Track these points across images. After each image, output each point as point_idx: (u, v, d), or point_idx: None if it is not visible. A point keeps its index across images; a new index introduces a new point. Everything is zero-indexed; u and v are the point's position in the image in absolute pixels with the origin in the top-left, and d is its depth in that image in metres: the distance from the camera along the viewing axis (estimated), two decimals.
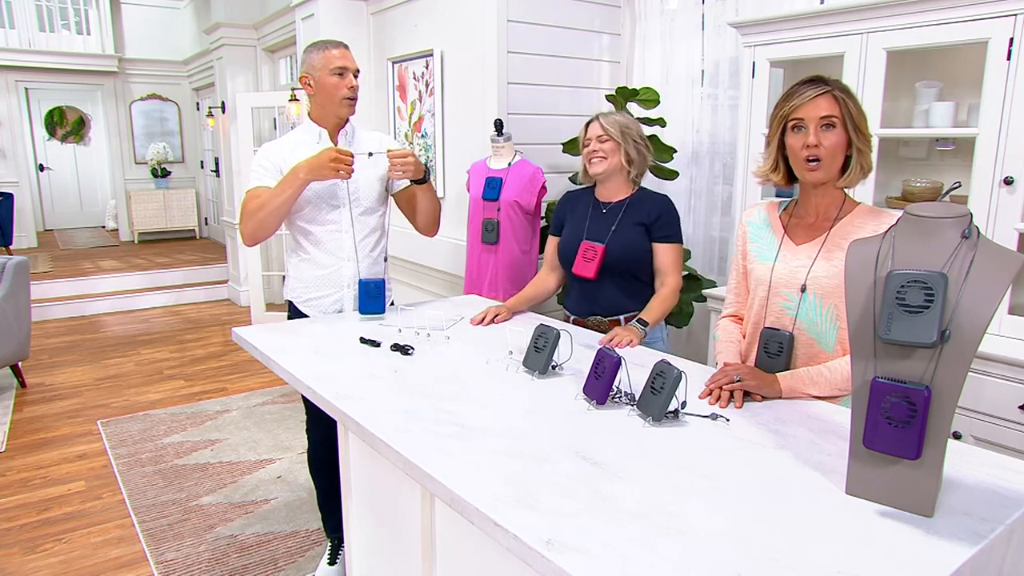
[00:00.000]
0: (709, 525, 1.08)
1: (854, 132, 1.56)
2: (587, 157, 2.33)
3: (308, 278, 2.42)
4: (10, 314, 4.32)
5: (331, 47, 2.29)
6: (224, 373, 4.96)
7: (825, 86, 1.56)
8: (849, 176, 1.59)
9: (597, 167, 2.31)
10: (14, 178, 9.25)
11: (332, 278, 2.41)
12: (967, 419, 2.16)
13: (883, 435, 1.13)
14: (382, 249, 2.52)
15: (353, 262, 2.41)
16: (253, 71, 6.82)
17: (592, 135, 2.32)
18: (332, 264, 2.40)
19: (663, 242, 2.31)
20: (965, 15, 2.16)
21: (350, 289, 2.43)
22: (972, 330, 1.08)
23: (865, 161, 1.58)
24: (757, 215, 1.80)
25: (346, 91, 2.30)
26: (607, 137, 2.29)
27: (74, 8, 9.50)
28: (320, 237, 2.38)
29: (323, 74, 2.28)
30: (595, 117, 2.35)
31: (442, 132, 3.91)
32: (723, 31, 3.29)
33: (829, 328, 1.62)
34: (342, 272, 2.41)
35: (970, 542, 1.03)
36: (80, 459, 3.58)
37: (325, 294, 2.42)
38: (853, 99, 1.57)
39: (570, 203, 2.49)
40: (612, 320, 2.33)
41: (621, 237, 2.30)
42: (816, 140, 1.55)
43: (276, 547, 2.77)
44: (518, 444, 1.37)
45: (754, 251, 1.77)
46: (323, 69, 2.27)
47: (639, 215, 2.31)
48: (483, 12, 3.46)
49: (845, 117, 1.55)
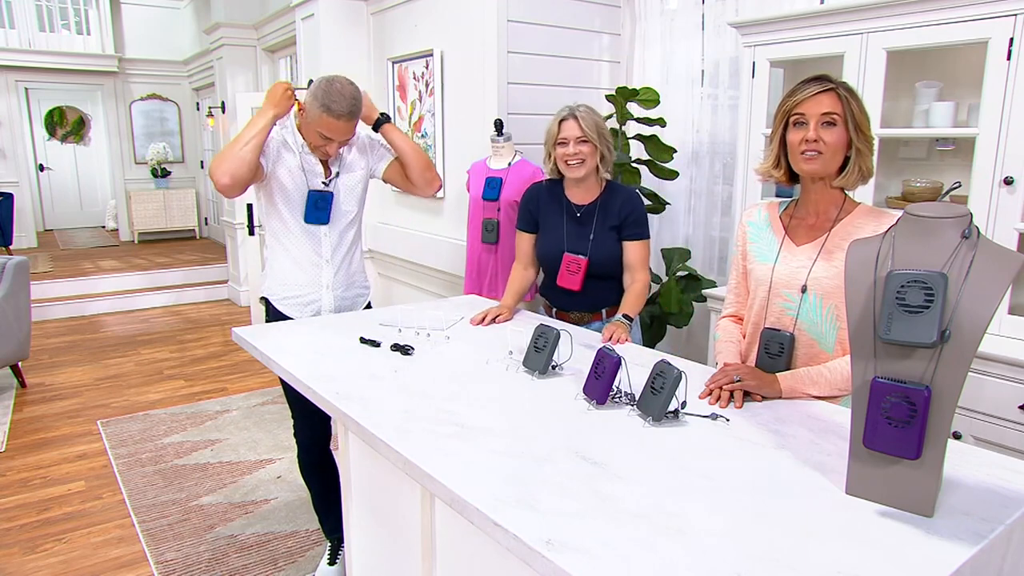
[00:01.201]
0: (709, 525, 1.08)
1: (855, 132, 1.55)
2: (563, 159, 2.29)
3: (286, 278, 2.41)
4: (10, 314, 4.32)
5: (334, 116, 2.16)
6: (224, 373, 4.96)
7: (829, 84, 1.56)
8: (847, 176, 1.59)
9: (577, 171, 2.29)
10: (14, 178, 9.25)
11: (310, 280, 2.41)
12: (967, 419, 2.16)
13: (883, 435, 1.13)
14: (359, 247, 2.53)
15: (332, 265, 2.42)
16: (253, 71, 6.82)
17: (569, 135, 2.26)
18: (311, 266, 2.40)
19: (632, 240, 2.34)
20: (965, 15, 2.16)
21: (329, 290, 2.43)
22: (972, 330, 1.08)
23: (864, 163, 1.57)
24: (757, 215, 1.80)
25: (320, 152, 2.29)
26: (586, 139, 2.25)
27: (74, 8, 9.49)
28: (299, 239, 2.38)
29: (313, 124, 2.21)
30: (569, 114, 2.27)
31: (442, 132, 3.91)
32: (723, 31, 3.29)
33: (829, 328, 1.62)
34: (321, 273, 2.41)
35: (970, 542, 1.03)
36: (80, 459, 3.58)
37: (303, 294, 2.42)
38: (857, 99, 1.57)
39: (540, 200, 2.46)
40: (595, 314, 2.42)
41: (600, 246, 2.35)
42: (815, 135, 1.55)
43: (276, 547, 2.77)
44: (518, 444, 1.37)
45: (754, 251, 1.76)
46: (315, 122, 2.20)
47: (611, 218, 2.34)
48: (483, 12, 3.46)
49: (847, 115, 1.55)
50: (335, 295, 2.44)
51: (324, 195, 2.33)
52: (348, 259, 2.46)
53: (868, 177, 1.60)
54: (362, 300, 2.55)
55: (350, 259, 2.47)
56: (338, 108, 2.15)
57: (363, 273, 2.57)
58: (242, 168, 2.14)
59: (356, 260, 2.52)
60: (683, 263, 3.27)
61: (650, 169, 3.35)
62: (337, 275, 2.43)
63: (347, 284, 2.47)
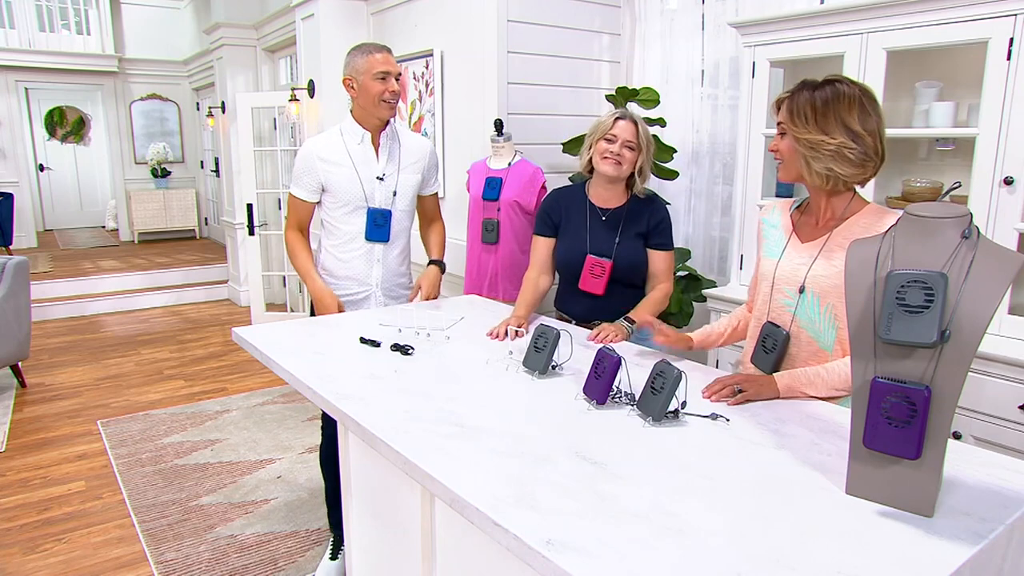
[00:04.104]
0: (709, 525, 1.08)
1: (793, 139, 1.59)
2: (603, 153, 2.22)
3: (336, 272, 2.54)
4: (10, 314, 4.32)
5: (375, 51, 2.36)
6: (224, 373, 4.96)
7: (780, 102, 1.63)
8: (811, 177, 1.59)
9: (612, 170, 2.22)
10: (14, 178, 9.25)
11: (359, 277, 2.54)
12: (967, 419, 2.16)
13: (883, 435, 1.13)
14: (407, 250, 2.64)
15: (381, 264, 2.53)
16: (253, 71, 6.82)
17: (621, 135, 2.20)
18: (361, 266, 2.52)
19: (659, 249, 2.32)
20: (965, 15, 2.16)
21: (378, 288, 2.55)
22: (972, 330, 1.08)
23: (819, 165, 1.56)
24: (772, 212, 1.83)
25: (388, 95, 2.37)
26: (636, 145, 2.22)
27: (74, 8, 9.50)
28: (352, 237, 2.49)
29: (366, 78, 2.34)
30: (629, 116, 2.23)
31: (442, 132, 3.91)
32: (723, 31, 3.29)
33: (827, 327, 1.63)
34: (371, 273, 2.53)
35: (970, 542, 1.03)
36: (80, 459, 3.58)
37: (353, 290, 2.55)
38: (796, 109, 1.58)
39: (562, 204, 2.39)
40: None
41: (625, 250, 2.29)
42: (775, 145, 1.67)
43: (276, 547, 2.77)
44: (518, 444, 1.37)
45: (764, 247, 1.80)
46: (366, 73, 2.34)
47: (638, 225, 2.30)
48: (483, 12, 3.46)
49: (788, 124, 1.60)
50: (382, 293, 2.58)
51: (383, 212, 2.47)
52: (395, 260, 2.58)
53: (838, 176, 1.56)
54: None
55: (397, 261, 2.59)
56: (375, 45, 2.41)
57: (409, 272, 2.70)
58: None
59: (404, 260, 2.64)
60: (683, 263, 3.27)
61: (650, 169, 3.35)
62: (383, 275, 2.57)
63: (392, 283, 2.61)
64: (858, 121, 1.53)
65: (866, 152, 1.54)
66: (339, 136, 2.47)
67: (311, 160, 2.43)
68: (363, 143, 2.45)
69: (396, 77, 2.39)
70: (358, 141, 2.44)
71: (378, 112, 2.39)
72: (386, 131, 2.47)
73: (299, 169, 2.45)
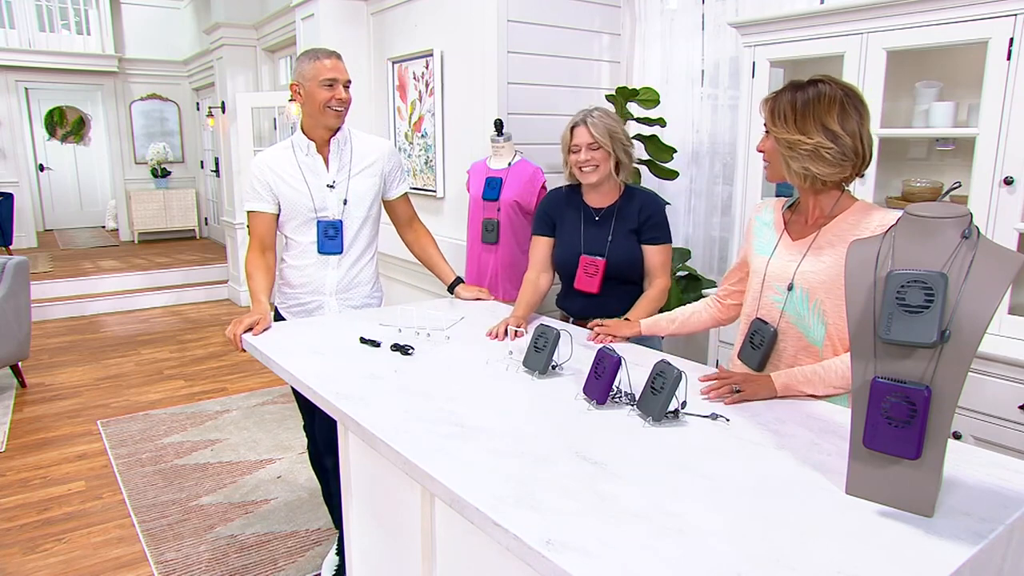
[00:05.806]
0: (709, 525, 1.08)
1: (774, 139, 1.63)
2: (576, 166, 2.28)
3: (292, 281, 2.47)
4: (10, 314, 4.32)
5: (322, 57, 2.29)
6: (224, 373, 4.96)
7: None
8: (790, 177, 1.61)
9: (590, 177, 2.27)
10: (14, 178, 9.25)
11: (312, 285, 2.46)
12: (967, 419, 2.16)
13: (883, 435, 1.13)
14: (368, 257, 2.54)
15: (336, 272, 2.46)
16: (253, 71, 6.82)
17: (581, 142, 2.24)
18: (314, 273, 2.44)
19: (652, 244, 2.31)
20: (965, 15, 2.16)
21: (332, 297, 2.47)
22: (972, 330, 1.08)
23: (796, 164, 1.58)
24: (765, 211, 1.84)
25: (334, 102, 2.30)
26: (597, 145, 2.23)
27: (74, 8, 9.50)
28: (304, 248, 2.43)
29: (313, 84, 2.27)
30: (581, 120, 2.26)
31: (442, 132, 3.91)
32: (723, 31, 3.29)
33: (816, 323, 1.64)
34: (325, 282, 2.45)
35: (970, 542, 1.03)
36: (80, 459, 3.58)
37: (304, 300, 2.47)
38: (777, 110, 1.61)
39: (557, 204, 2.44)
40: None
41: (618, 248, 2.31)
42: (761, 145, 1.70)
43: (276, 547, 2.77)
44: (518, 444, 1.37)
45: (755, 244, 1.81)
46: (313, 79, 2.27)
47: (630, 222, 2.31)
48: (483, 12, 3.46)
49: (769, 124, 1.63)
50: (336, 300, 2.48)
51: (334, 223, 2.39)
52: (353, 270, 2.49)
53: (809, 174, 1.59)
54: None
55: (356, 271, 2.50)
56: (323, 51, 2.33)
57: (375, 280, 2.60)
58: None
59: (365, 275, 2.54)
60: (683, 263, 3.27)
61: (650, 169, 3.35)
62: (341, 282, 2.48)
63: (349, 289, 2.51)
64: (837, 121, 1.54)
65: (844, 152, 1.55)
66: (290, 149, 2.41)
67: (263, 169, 2.37)
68: (309, 154, 2.38)
69: (345, 85, 2.31)
70: (305, 152, 2.38)
71: (324, 120, 2.32)
72: (336, 137, 2.40)
73: (252, 181, 2.39)
